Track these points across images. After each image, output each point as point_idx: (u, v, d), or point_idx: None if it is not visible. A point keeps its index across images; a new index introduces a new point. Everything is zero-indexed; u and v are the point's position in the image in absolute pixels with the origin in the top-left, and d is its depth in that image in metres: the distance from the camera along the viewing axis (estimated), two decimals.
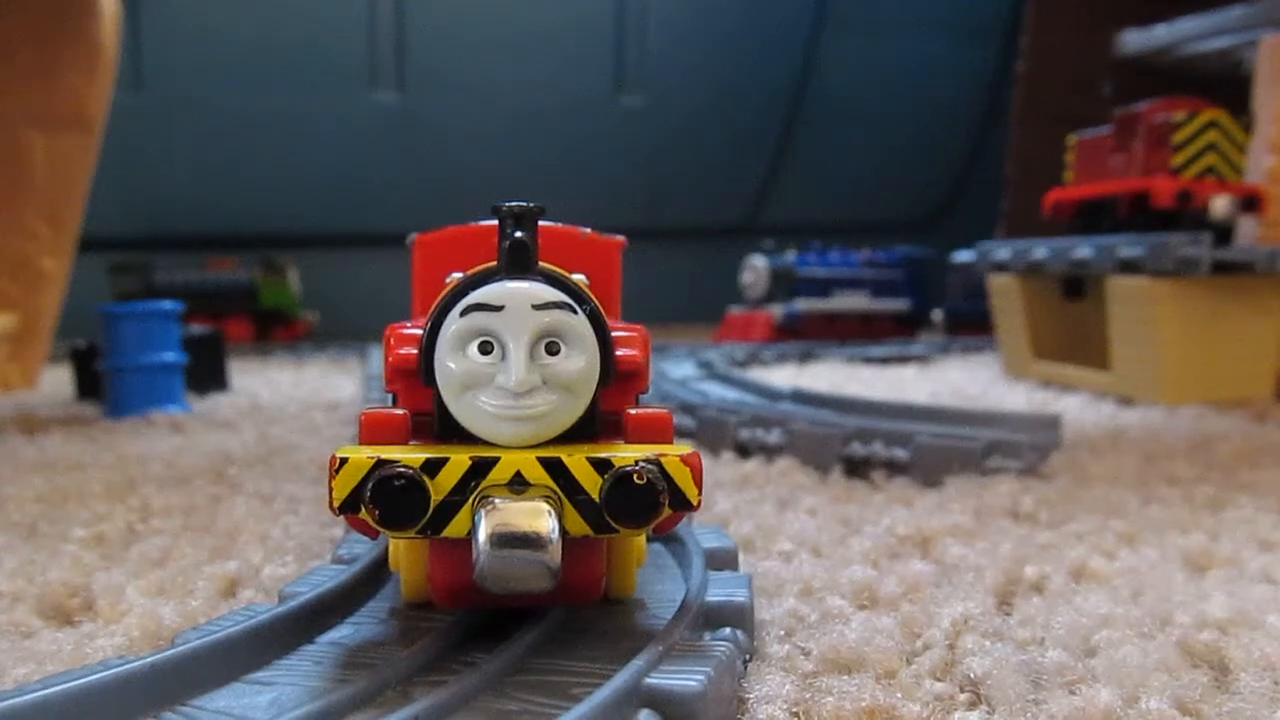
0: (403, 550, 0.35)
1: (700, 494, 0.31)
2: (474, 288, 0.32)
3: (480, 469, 0.30)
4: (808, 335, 1.97)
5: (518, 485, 0.30)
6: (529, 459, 0.30)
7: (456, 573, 0.32)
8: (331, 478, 0.30)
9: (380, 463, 0.29)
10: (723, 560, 0.41)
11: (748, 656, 0.34)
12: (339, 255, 2.49)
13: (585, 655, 0.31)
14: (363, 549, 0.41)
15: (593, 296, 0.33)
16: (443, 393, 0.32)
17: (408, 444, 0.32)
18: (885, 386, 1.24)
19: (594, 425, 0.33)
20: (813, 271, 2.04)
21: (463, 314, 0.31)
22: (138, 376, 0.97)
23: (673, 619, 0.32)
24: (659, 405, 0.34)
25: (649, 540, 0.42)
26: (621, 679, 0.27)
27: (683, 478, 0.30)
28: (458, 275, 0.34)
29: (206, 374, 1.15)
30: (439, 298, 0.33)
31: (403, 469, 0.29)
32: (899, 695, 0.31)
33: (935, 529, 0.52)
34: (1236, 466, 0.70)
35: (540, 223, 0.33)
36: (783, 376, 1.33)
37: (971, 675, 0.33)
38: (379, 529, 0.30)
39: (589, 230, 0.41)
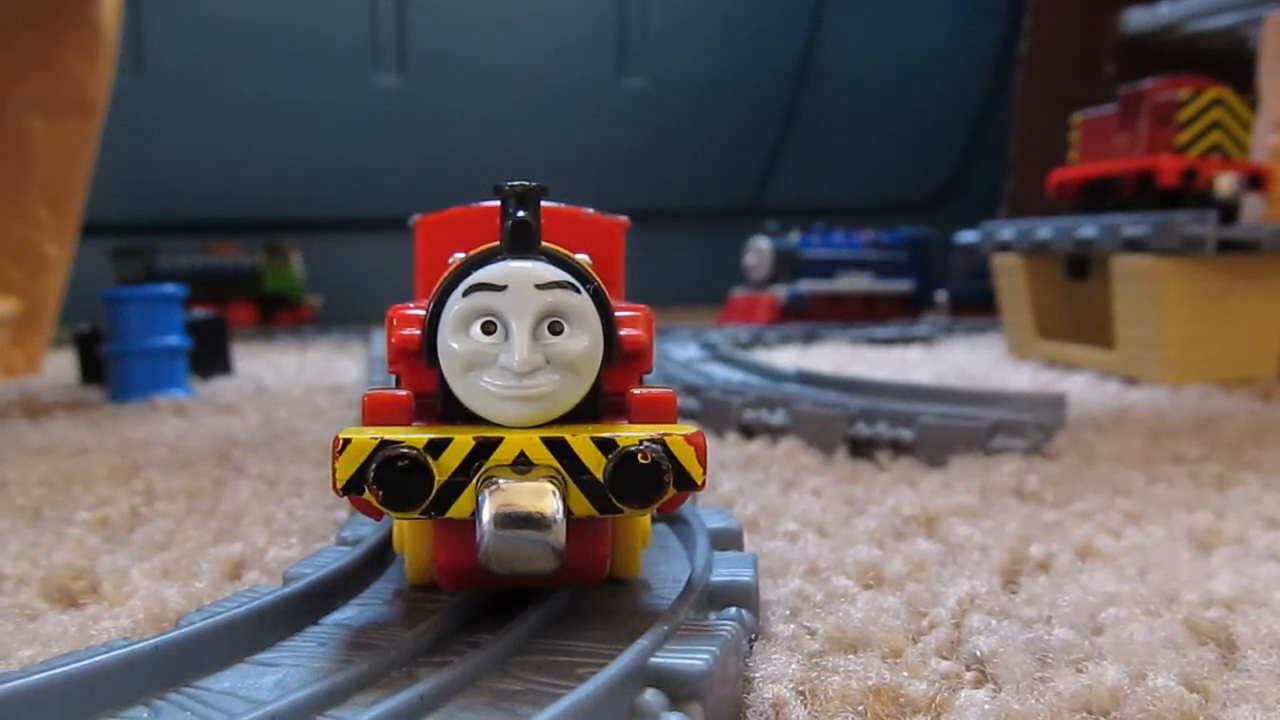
0: (407, 531, 0.35)
1: (705, 473, 0.30)
2: (476, 268, 0.32)
3: (484, 449, 0.30)
4: (811, 317, 1.97)
5: (521, 465, 0.30)
6: (533, 439, 0.30)
7: (461, 554, 0.32)
8: (335, 459, 0.29)
9: (384, 443, 0.29)
10: (728, 540, 0.41)
11: (753, 636, 0.34)
12: (342, 239, 2.48)
13: (590, 635, 0.31)
14: (367, 531, 0.41)
15: (596, 276, 0.33)
16: (446, 373, 0.32)
17: (411, 425, 0.32)
18: (889, 368, 1.24)
19: (598, 405, 0.33)
20: (816, 253, 2.03)
21: (465, 294, 0.31)
22: (141, 360, 0.97)
23: (678, 599, 0.32)
24: (663, 385, 0.34)
25: (654, 521, 0.42)
26: (626, 659, 0.27)
27: (687, 457, 0.30)
28: (460, 256, 0.34)
29: (210, 358, 1.15)
30: (441, 278, 0.33)
31: (406, 450, 0.29)
32: (905, 674, 0.31)
33: (940, 508, 0.52)
34: (1242, 445, 0.69)
35: (543, 203, 0.33)
36: (787, 358, 1.33)
37: (978, 654, 0.32)
38: (383, 510, 0.30)
39: (592, 211, 0.41)
